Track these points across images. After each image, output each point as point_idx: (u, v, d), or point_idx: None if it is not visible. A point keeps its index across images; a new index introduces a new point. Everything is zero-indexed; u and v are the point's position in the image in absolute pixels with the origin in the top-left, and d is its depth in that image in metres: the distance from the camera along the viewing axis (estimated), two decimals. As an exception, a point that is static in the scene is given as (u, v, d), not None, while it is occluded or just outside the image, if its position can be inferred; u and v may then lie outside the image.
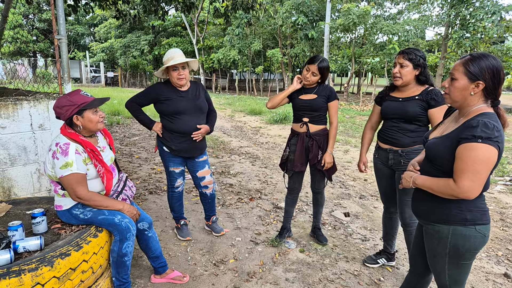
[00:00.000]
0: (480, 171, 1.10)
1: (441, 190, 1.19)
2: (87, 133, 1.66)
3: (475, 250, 1.22)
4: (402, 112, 1.86)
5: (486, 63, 1.14)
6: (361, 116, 10.18)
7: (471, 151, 1.10)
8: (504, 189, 3.83)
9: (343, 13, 13.29)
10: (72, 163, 1.53)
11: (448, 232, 1.22)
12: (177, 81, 2.17)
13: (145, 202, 3.20)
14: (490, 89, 1.16)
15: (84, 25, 29.51)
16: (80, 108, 1.58)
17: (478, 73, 1.15)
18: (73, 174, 1.53)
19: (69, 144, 1.56)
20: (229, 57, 18.97)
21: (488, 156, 1.09)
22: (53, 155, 1.54)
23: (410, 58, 1.80)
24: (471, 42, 11.68)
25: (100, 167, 1.63)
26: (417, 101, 1.83)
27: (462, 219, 1.20)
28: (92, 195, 1.59)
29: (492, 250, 2.49)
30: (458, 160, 1.13)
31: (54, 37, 2.47)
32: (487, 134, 1.08)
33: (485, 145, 1.08)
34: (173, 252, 2.31)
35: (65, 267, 1.32)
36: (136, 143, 5.88)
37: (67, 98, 1.59)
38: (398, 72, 1.83)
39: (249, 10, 5.07)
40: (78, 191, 1.54)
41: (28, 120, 2.33)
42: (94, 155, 1.62)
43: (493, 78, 1.14)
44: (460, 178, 1.12)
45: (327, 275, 2.10)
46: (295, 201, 2.48)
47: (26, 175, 2.38)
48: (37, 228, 1.54)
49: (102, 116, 1.67)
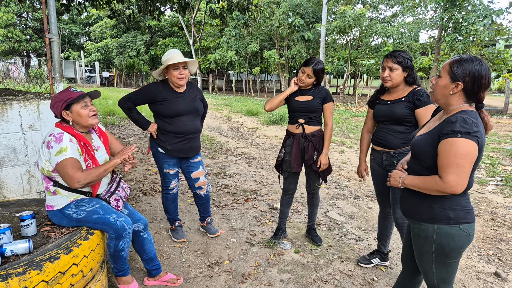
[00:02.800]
0: (463, 165, 1.12)
1: (428, 187, 1.21)
2: (81, 128, 1.66)
3: (461, 248, 1.23)
4: (390, 114, 1.91)
5: (470, 66, 1.16)
6: (357, 117, 10.24)
7: (452, 146, 1.13)
8: (495, 189, 3.88)
9: (339, 16, 13.39)
10: (67, 148, 1.54)
11: (433, 231, 1.24)
12: (177, 80, 2.13)
13: (139, 204, 3.17)
14: (470, 92, 1.18)
15: (79, 25, 29.24)
16: (68, 103, 1.58)
17: (459, 74, 1.18)
18: (68, 159, 1.53)
19: (63, 133, 1.58)
20: (226, 58, 18.95)
21: (468, 149, 1.11)
22: (48, 145, 1.55)
23: (399, 61, 1.84)
24: (464, 45, 11.85)
25: (91, 163, 1.62)
26: (404, 103, 1.87)
27: (445, 217, 1.22)
28: (87, 171, 1.57)
29: (483, 249, 2.52)
30: (441, 155, 1.16)
31: (45, 36, 2.43)
32: (465, 128, 1.11)
33: (464, 139, 1.11)
34: (167, 254, 2.29)
35: (54, 271, 1.29)
36: (131, 144, 5.83)
37: (56, 95, 1.63)
38: (388, 75, 1.87)
39: (245, 11, 5.07)
40: (74, 175, 1.53)
41: (18, 120, 2.29)
42: (86, 150, 1.62)
43: (473, 81, 1.16)
44: (445, 173, 1.15)
45: (321, 276, 2.09)
46: (290, 202, 2.47)
47: (15, 177, 2.33)
48: (26, 231, 1.50)
49: (93, 110, 1.65)
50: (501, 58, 12.35)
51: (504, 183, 4.04)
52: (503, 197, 3.63)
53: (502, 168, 4.71)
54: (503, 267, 2.27)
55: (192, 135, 2.26)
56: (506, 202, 3.48)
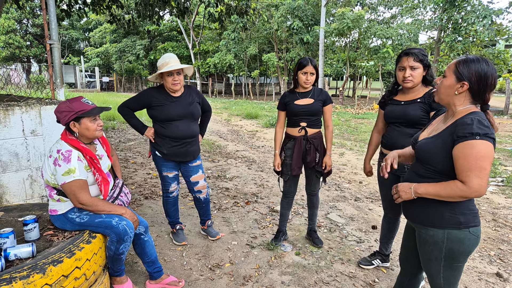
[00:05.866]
0: (485, 167, 1.09)
1: (450, 193, 1.15)
2: (85, 140, 1.66)
3: (469, 252, 1.22)
4: (403, 116, 1.81)
5: (476, 66, 1.15)
6: (356, 119, 10.26)
7: (472, 149, 1.09)
8: (496, 189, 3.88)
9: (337, 18, 13.47)
10: (75, 169, 1.54)
11: (443, 236, 1.21)
12: (171, 86, 2.17)
13: (140, 207, 3.18)
14: (475, 92, 1.17)
15: (78, 30, 29.43)
16: (78, 115, 1.58)
17: (465, 74, 1.16)
18: (75, 181, 1.53)
19: (71, 151, 1.57)
20: (225, 62, 19.04)
21: (488, 151, 1.09)
22: (55, 162, 1.54)
23: (421, 59, 1.73)
24: (463, 46, 11.89)
25: (98, 176, 1.64)
26: (419, 104, 1.78)
27: (456, 222, 1.19)
28: (95, 200, 1.60)
29: (485, 250, 2.52)
30: (460, 159, 1.12)
31: (46, 42, 2.46)
32: (484, 130, 1.09)
33: (483, 141, 1.09)
34: (168, 257, 2.30)
35: (57, 274, 1.31)
36: (132, 148, 5.85)
37: (67, 104, 1.60)
38: (410, 75, 1.76)
39: (243, 15, 5.11)
40: (80, 197, 1.55)
41: (20, 126, 2.31)
42: (93, 163, 1.63)
43: (479, 81, 1.15)
44: (468, 177, 1.10)
45: (322, 278, 2.10)
46: (290, 204, 2.48)
47: (18, 182, 2.35)
48: (29, 235, 1.52)
49: (100, 124, 1.67)
50: (501, 58, 12.37)
51: (505, 184, 4.04)
52: (505, 198, 3.63)
53: (503, 168, 4.72)
54: (505, 268, 2.27)
55: (188, 139, 2.27)
56: (508, 203, 3.48)
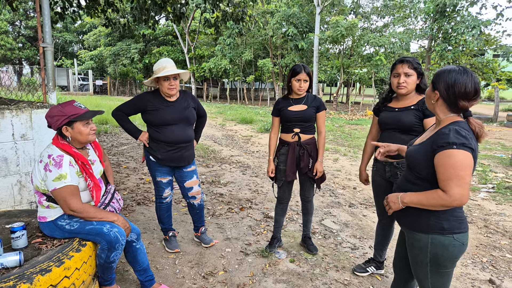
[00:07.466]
0: (463, 176, 1.12)
1: (432, 203, 1.18)
2: (77, 144, 1.63)
3: (455, 258, 1.24)
4: (397, 122, 1.85)
5: (445, 75, 1.19)
6: (350, 125, 10.36)
7: (450, 158, 1.13)
8: (487, 196, 3.95)
9: (331, 25, 13.70)
10: (66, 175, 1.50)
11: (428, 241, 1.24)
12: (167, 91, 2.16)
13: (132, 214, 3.12)
14: (447, 101, 1.20)
15: (72, 33, 29.20)
16: (71, 119, 1.55)
17: (436, 83, 1.23)
18: (66, 186, 1.50)
19: (63, 156, 1.53)
20: (220, 66, 19.10)
21: (466, 160, 1.12)
22: (46, 167, 1.50)
23: (415, 67, 1.79)
24: (453, 55, 12.21)
25: (90, 181, 1.61)
26: (413, 111, 1.82)
27: (440, 228, 1.22)
28: (86, 206, 1.56)
29: (477, 256, 2.54)
30: (440, 168, 1.15)
31: (39, 45, 2.43)
32: (460, 140, 1.12)
33: (460, 150, 1.12)
34: (160, 265, 2.25)
35: (45, 284, 1.26)
36: (124, 152, 5.77)
37: (59, 108, 1.57)
38: (404, 81, 1.81)
39: (239, 21, 5.15)
40: (71, 204, 1.51)
41: (10, 130, 2.26)
42: (85, 169, 1.59)
43: (447, 90, 1.19)
44: (448, 186, 1.13)
45: (317, 285, 2.08)
46: (285, 210, 2.47)
47: (6, 187, 2.28)
48: (16, 243, 1.47)
49: (93, 128, 1.64)
50: (490, 67, 12.76)
51: (496, 190, 4.11)
52: (496, 204, 3.68)
53: (493, 175, 4.80)
54: (497, 274, 2.29)
55: (183, 144, 2.26)
56: (499, 209, 3.53)
